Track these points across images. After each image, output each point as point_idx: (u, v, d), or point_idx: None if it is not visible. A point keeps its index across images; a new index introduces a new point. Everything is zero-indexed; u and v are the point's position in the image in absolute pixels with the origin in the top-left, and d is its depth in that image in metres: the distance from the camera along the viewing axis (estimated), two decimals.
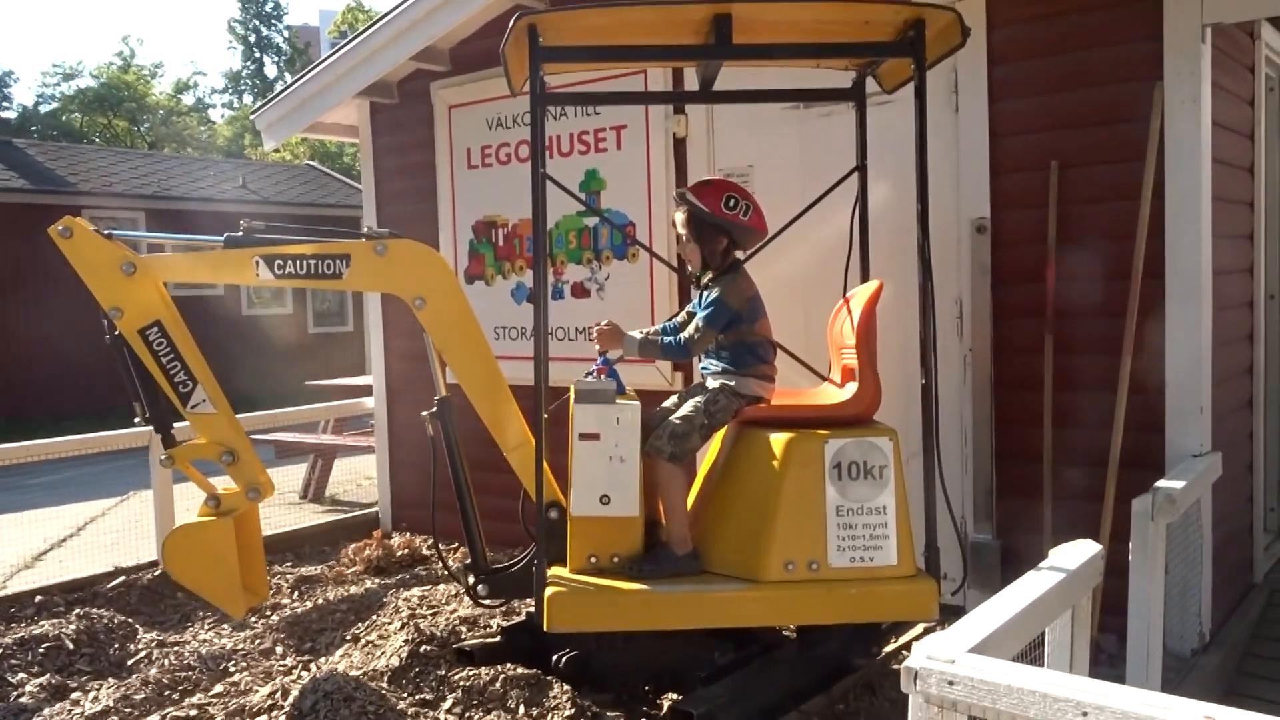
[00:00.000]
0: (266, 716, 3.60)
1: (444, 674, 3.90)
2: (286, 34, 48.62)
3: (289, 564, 5.90)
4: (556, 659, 3.53)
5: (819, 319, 3.90)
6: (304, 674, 4.01)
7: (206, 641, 4.63)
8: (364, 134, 6.53)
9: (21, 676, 4.11)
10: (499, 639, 3.85)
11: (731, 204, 3.50)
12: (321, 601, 5.05)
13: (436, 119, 6.07)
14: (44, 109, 38.54)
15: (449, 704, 3.70)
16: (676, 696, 3.61)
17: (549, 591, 3.27)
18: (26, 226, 13.90)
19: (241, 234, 3.86)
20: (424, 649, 4.08)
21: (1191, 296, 3.77)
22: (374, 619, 4.66)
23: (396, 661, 3.98)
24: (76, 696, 3.96)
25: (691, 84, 4.67)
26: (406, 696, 3.75)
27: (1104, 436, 3.87)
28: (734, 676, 3.42)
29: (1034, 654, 2.43)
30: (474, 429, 3.83)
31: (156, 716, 3.66)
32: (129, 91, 40.05)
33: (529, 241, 5.72)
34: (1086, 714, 1.62)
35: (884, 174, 4.19)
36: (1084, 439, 3.99)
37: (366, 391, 7.48)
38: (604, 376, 3.43)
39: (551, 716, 3.52)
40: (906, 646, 4.06)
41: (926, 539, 3.34)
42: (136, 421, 4.03)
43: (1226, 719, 1.53)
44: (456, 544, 5.73)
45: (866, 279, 3.85)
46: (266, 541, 4.47)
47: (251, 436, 4.06)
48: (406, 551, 5.77)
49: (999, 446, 4.21)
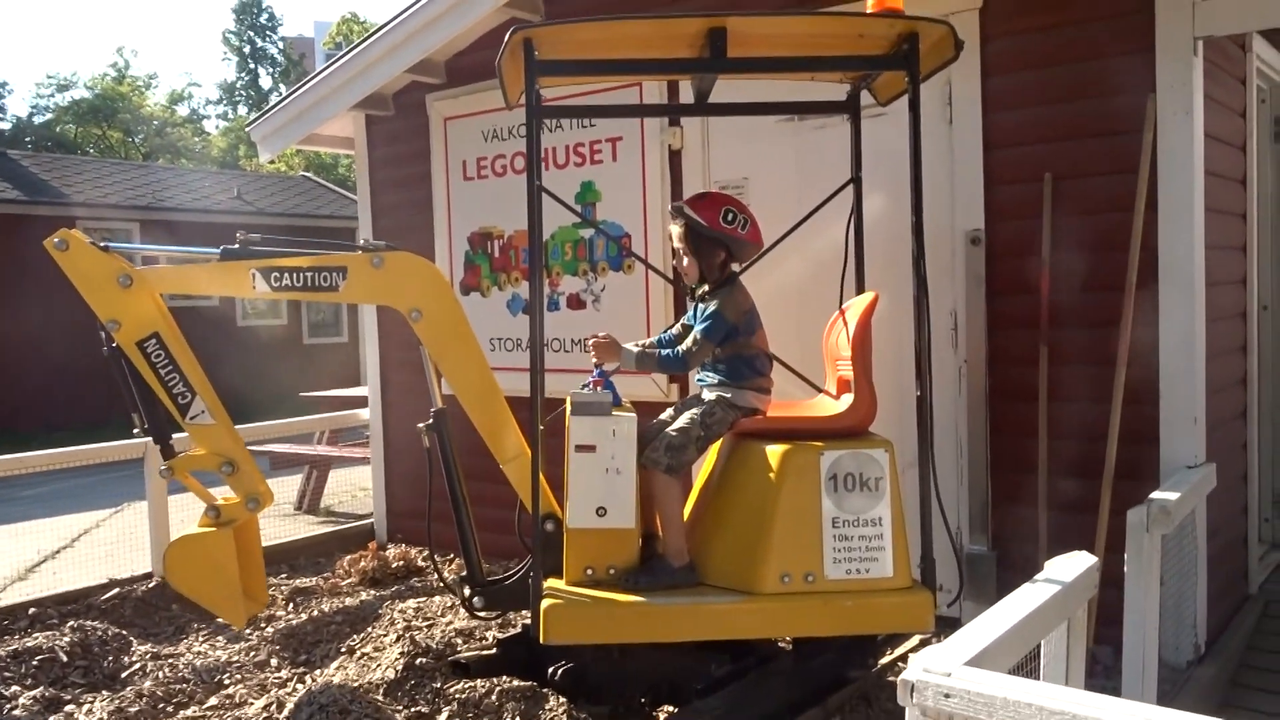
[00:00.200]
0: None
1: (440, 686, 3.89)
2: (281, 45, 48.70)
3: (284, 575, 5.89)
4: (552, 671, 3.52)
5: (814, 330, 3.91)
6: (299, 686, 4.00)
7: (201, 654, 4.62)
8: (360, 146, 6.55)
9: (15, 689, 4.10)
10: (495, 651, 3.84)
11: (730, 218, 3.50)
12: (317, 613, 5.04)
13: (432, 131, 6.09)
14: (38, 120, 38.53)
15: (444, 717, 3.70)
16: (673, 709, 3.61)
17: (545, 604, 3.27)
18: (20, 237, 13.89)
19: (238, 246, 3.87)
20: (419, 661, 4.07)
21: (1185, 308, 3.79)
22: (369, 631, 4.65)
23: (392, 674, 3.97)
24: (70, 709, 3.95)
25: (686, 96, 4.69)
26: (402, 709, 3.75)
27: (1099, 447, 3.88)
28: (730, 688, 3.41)
29: (1030, 666, 2.43)
30: (470, 440, 3.83)
31: None
32: (123, 102, 40.07)
33: (524, 253, 5.73)
34: None
35: (878, 186, 4.21)
36: (1079, 450, 4.00)
37: (361, 403, 7.48)
38: (600, 388, 3.43)
39: None
40: (902, 658, 4.06)
41: (922, 550, 3.34)
42: (135, 433, 4.03)
43: None
44: (452, 555, 5.72)
45: (861, 291, 3.86)
46: (262, 549, 4.46)
47: (248, 447, 4.06)
48: (402, 563, 5.76)
49: (994, 457, 4.22)
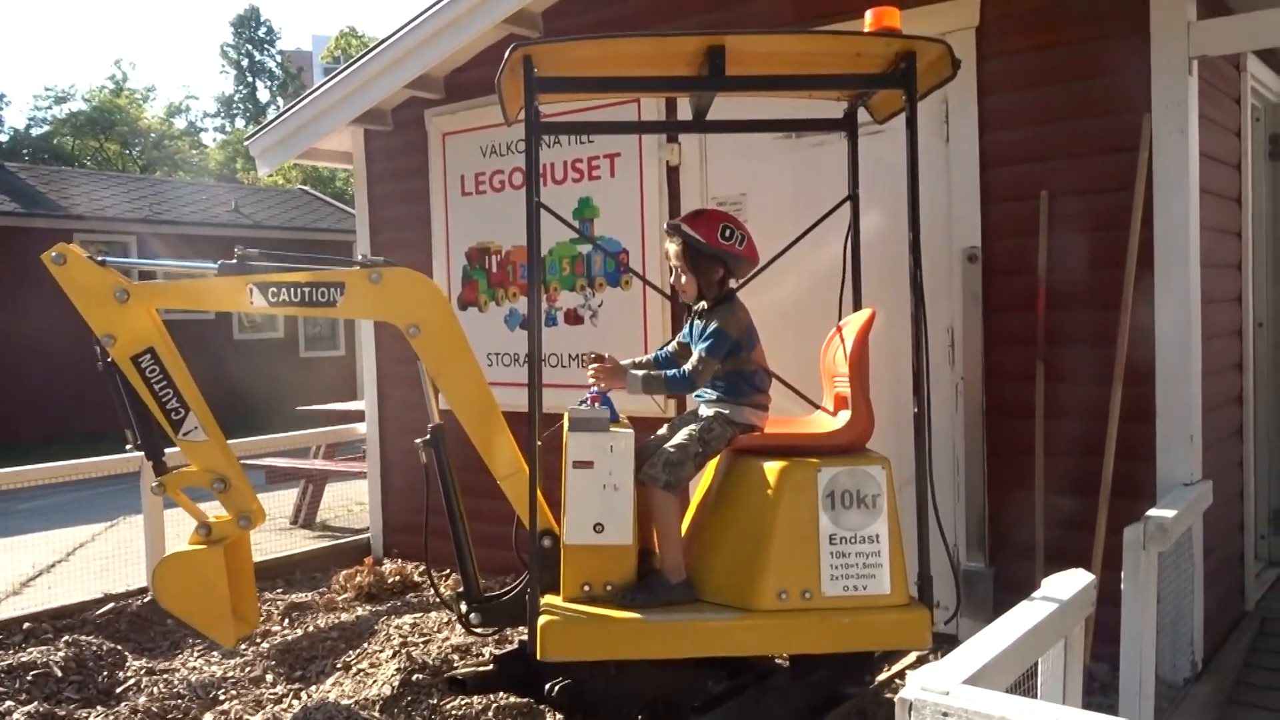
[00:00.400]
0: None
1: (436, 703, 3.88)
2: (279, 59, 48.85)
3: (279, 590, 5.87)
4: (549, 688, 3.51)
5: (811, 346, 3.92)
6: (295, 703, 3.99)
7: (196, 669, 4.60)
8: (358, 161, 6.56)
9: (9, 704, 4.07)
10: (491, 667, 3.83)
11: (727, 234, 3.51)
12: (312, 629, 5.02)
13: (430, 146, 6.10)
14: (35, 131, 38.57)
15: None
16: None
17: (542, 620, 3.26)
18: (18, 249, 13.89)
19: (235, 261, 3.87)
20: (416, 677, 4.06)
21: (1181, 324, 3.80)
22: (365, 647, 4.64)
23: (388, 690, 3.96)
24: None
25: (685, 112, 4.71)
26: None
27: (1095, 464, 3.89)
28: (727, 705, 3.40)
29: (1028, 684, 2.43)
30: (467, 455, 3.83)
31: None
32: (121, 115, 40.14)
33: (522, 268, 5.74)
34: None
35: (875, 203, 4.22)
36: (1075, 467, 4.01)
37: (358, 417, 7.48)
38: (598, 404, 3.43)
39: None
40: (899, 675, 4.05)
41: (919, 567, 3.34)
42: (128, 449, 4.02)
43: None
44: (448, 570, 5.70)
45: (858, 307, 3.87)
46: (257, 567, 4.45)
47: (243, 462, 4.06)
48: (398, 578, 5.74)
49: (991, 474, 4.23)
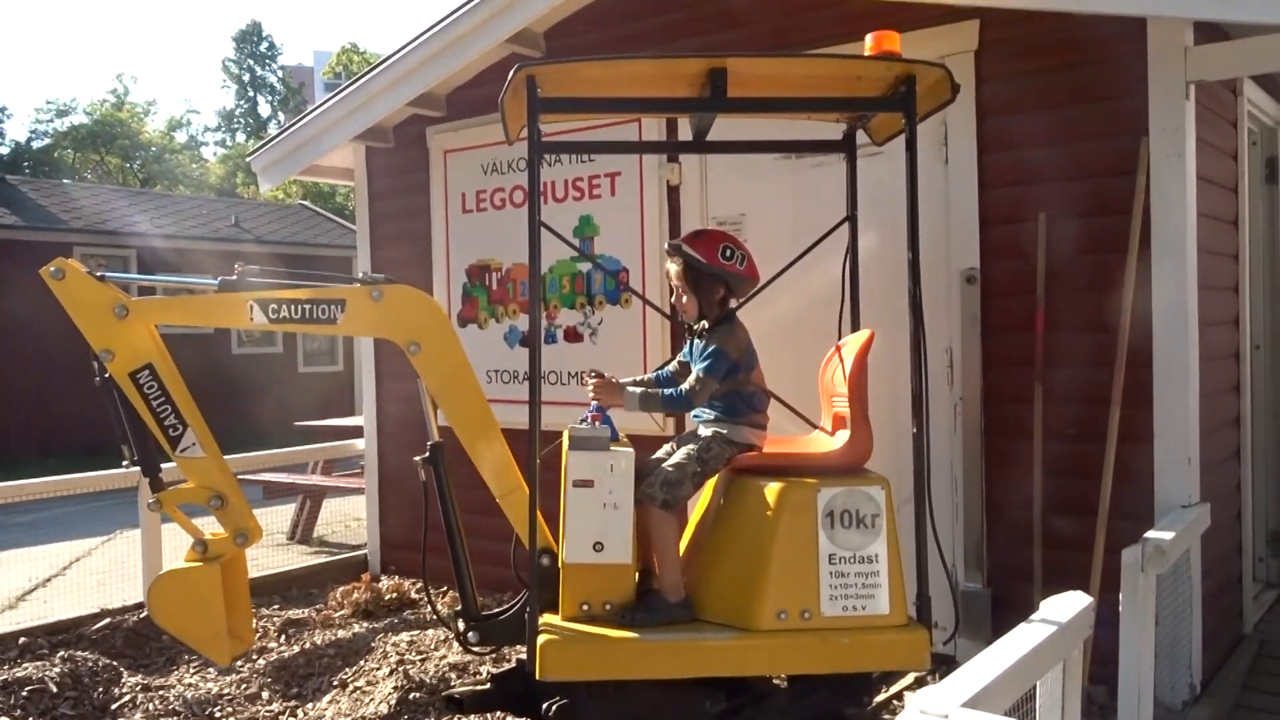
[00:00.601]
0: None
1: None
2: (280, 74, 49.05)
3: (276, 606, 5.85)
4: (546, 707, 3.50)
5: (810, 366, 3.92)
6: None
7: (192, 686, 4.58)
8: (359, 177, 6.59)
9: None
10: (489, 686, 3.81)
11: (728, 254, 3.53)
12: (309, 645, 5.01)
13: (432, 163, 6.13)
14: (36, 145, 38.66)
15: None
16: None
17: (541, 639, 3.25)
18: (17, 263, 13.90)
19: (236, 278, 3.88)
20: (413, 696, 4.05)
21: (1178, 347, 3.81)
22: (362, 664, 4.63)
23: (385, 709, 3.95)
24: None
25: (685, 132, 4.74)
26: None
27: (1093, 485, 3.89)
28: None
29: (1026, 706, 2.43)
30: (466, 472, 3.83)
31: None
32: (122, 129, 40.25)
33: (523, 285, 5.75)
34: None
35: (874, 224, 4.24)
36: (1073, 488, 4.01)
37: (356, 432, 7.48)
38: (598, 423, 3.44)
39: None
40: (897, 696, 4.04)
41: (918, 588, 3.34)
42: (125, 465, 4.00)
43: None
44: (446, 588, 5.69)
45: (856, 328, 3.88)
46: (253, 583, 4.44)
47: (240, 477, 4.05)
48: (395, 595, 5.73)
49: (989, 495, 4.23)
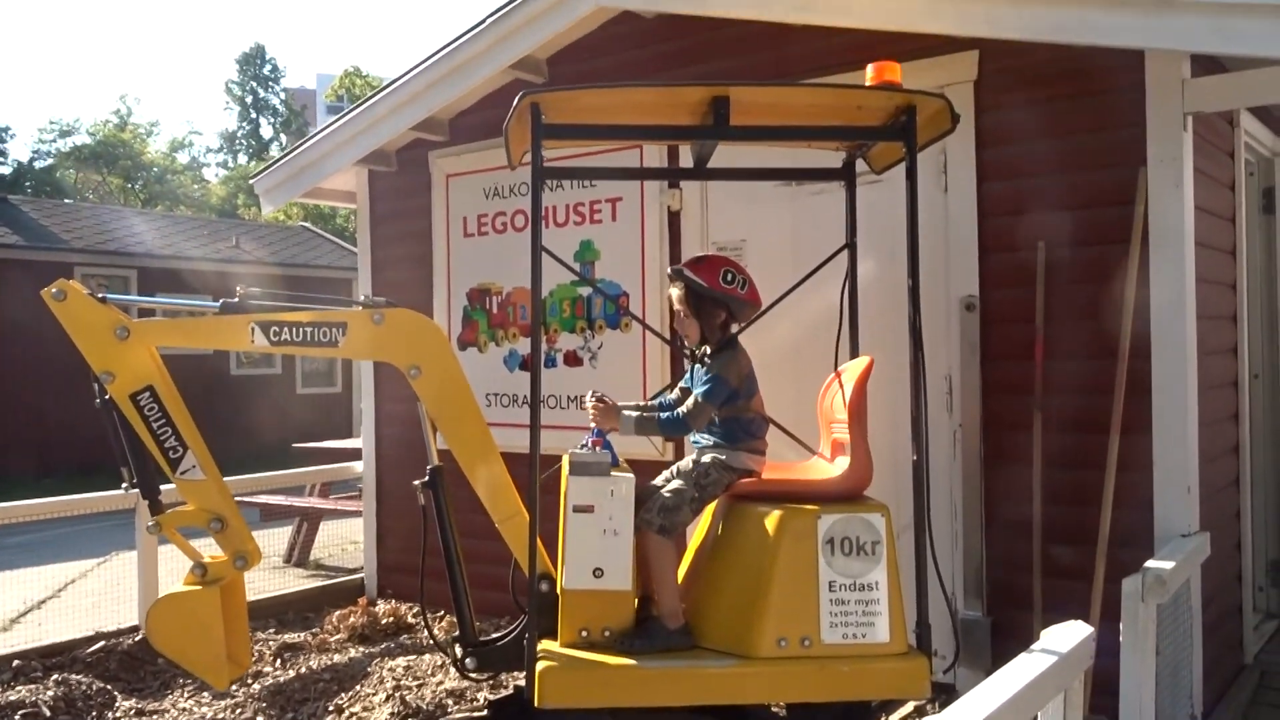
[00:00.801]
0: None
1: None
2: (283, 96, 49.32)
3: (272, 630, 5.82)
4: None
5: (809, 392, 3.93)
6: None
7: (186, 710, 4.55)
8: (362, 200, 6.61)
9: None
10: (485, 713, 3.80)
11: (729, 278, 3.54)
12: (304, 670, 4.98)
13: (434, 187, 6.16)
14: (39, 165, 38.80)
15: None
16: None
17: (540, 666, 3.24)
18: (19, 282, 13.93)
19: (238, 300, 3.89)
20: None
21: (1177, 376, 3.82)
22: (358, 689, 4.60)
23: None
24: None
25: (687, 158, 4.76)
26: None
27: (1093, 514, 3.89)
28: None
29: None
30: (465, 496, 3.83)
31: None
32: (125, 149, 40.43)
33: (523, 309, 5.77)
34: None
35: (873, 251, 4.26)
36: (1073, 516, 4.01)
37: (354, 455, 7.46)
38: (599, 448, 3.43)
39: None
40: None
41: (918, 616, 3.33)
42: (124, 487, 3.99)
43: None
44: (443, 612, 5.67)
45: (855, 354, 3.89)
46: (250, 607, 4.41)
47: (237, 499, 4.04)
48: (392, 619, 5.70)
49: (988, 522, 4.23)
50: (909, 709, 4.11)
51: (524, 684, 3.40)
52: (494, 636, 3.81)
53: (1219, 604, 4.26)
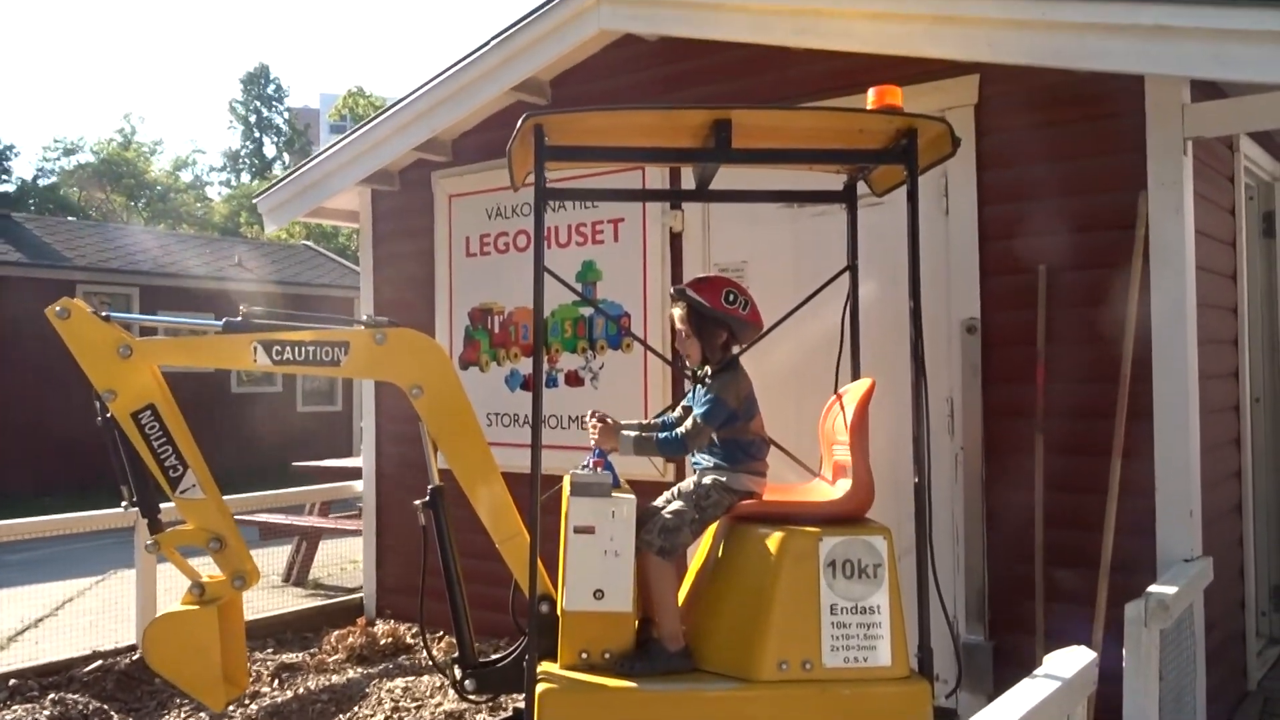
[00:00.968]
0: None
1: None
2: (287, 115, 49.58)
3: (269, 650, 5.79)
4: None
5: (810, 413, 3.93)
6: None
7: None
8: (364, 220, 6.64)
9: None
10: None
11: (731, 299, 3.55)
12: (302, 690, 4.95)
13: (436, 207, 6.18)
14: (43, 183, 38.97)
15: None
16: None
17: (540, 688, 3.22)
18: (21, 300, 13.96)
19: (240, 319, 3.90)
20: None
21: (1179, 399, 3.82)
22: (356, 710, 4.58)
23: None
24: None
25: (688, 180, 4.78)
26: None
27: (1095, 538, 3.87)
28: None
29: None
30: (465, 516, 3.82)
31: None
32: (128, 167, 40.61)
33: (525, 329, 5.78)
34: None
35: (874, 273, 4.26)
36: (1075, 540, 3.99)
37: (354, 474, 7.45)
38: (600, 469, 3.43)
39: None
40: None
41: (920, 639, 3.31)
42: (124, 505, 3.99)
43: None
44: (442, 633, 5.64)
45: (857, 376, 3.89)
46: (248, 626, 4.39)
47: (236, 518, 4.03)
48: (391, 640, 5.68)
49: (990, 546, 4.21)
50: None
51: (523, 706, 3.38)
52: (494, 658, 3.79)
53: (1222, 630, 4.24)
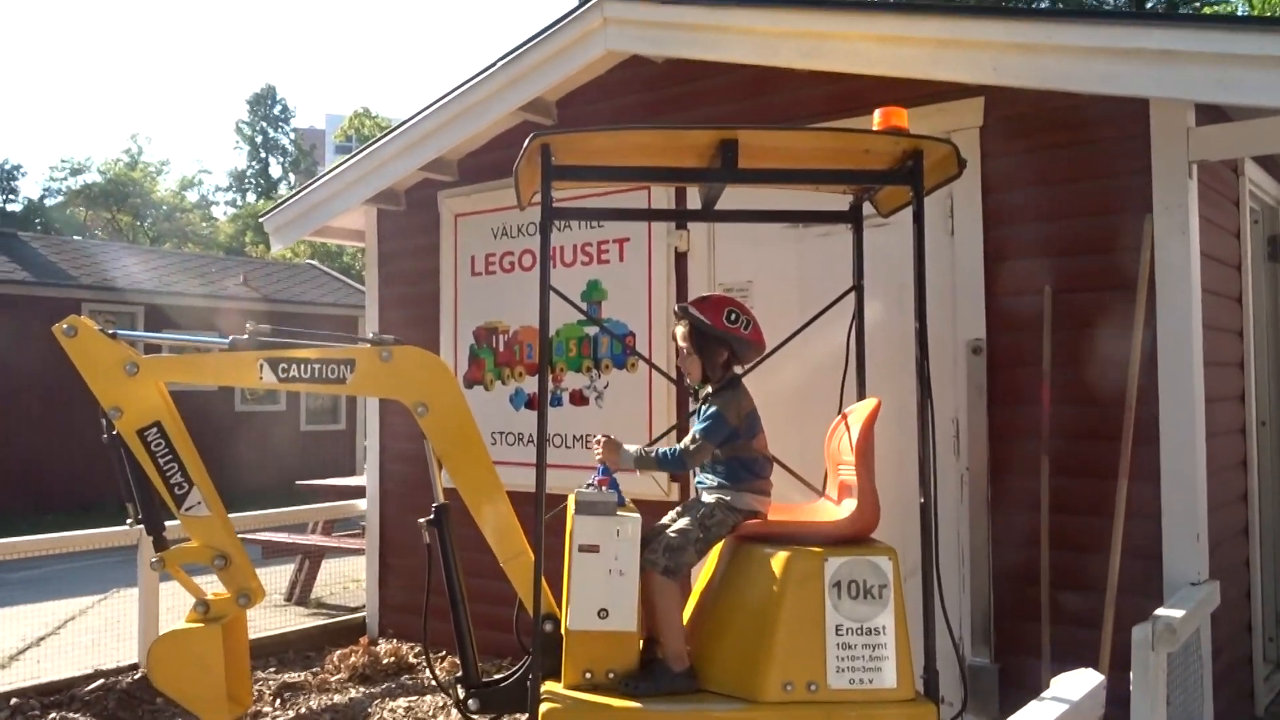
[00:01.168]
0: None
1: None
2: (293, 136, 49.88)
3: (272, 669, 5.77)
4: None
5: (815, 433, 3.93)
6: None
7: None
8: (370, 239, 6.66)
9: None
10: None
11: (733, 318, 3.56)
12: (304, 710, 4.93)
13: (443, 226, 6.21)
14: (49, 202, 39.16)
15: None
16: None
17: (544, 708, 3.20)
18: (27, 318, 14.00)
19: (246, 337, 3.91)
20: None
21: (1185, 422, 3.81)
22: None
23: None
24: None
25: (694, 199, 4.80)
26: None
27: (1101, 560, 3.86)
28: None
29: None
30: (469, 535, 3.81)
31: None
32: (134, 187, 40.80)
33: (529, 348, 5.78)
34: None
35: (879, 294, 4.27)
36: (1081, 562, 3.98)
37: (357, 493, 7.44)
38: (605, 487, 3.42)
39: None
40: None
41: (925, 661, 3.30)
42: (129, 523, 3.98)
43: None
44: (444, 652, 5.61)
45: (862, 397, 3.89)
46: (250, 645, 4.37)
47: (239, 536, 4.02)
48: (393, 659, 5.65)
49: (996, 567, 4.19)
50: None
51: None
52: (497, 677, 3.77)
53: (1229, 654, 4.22)
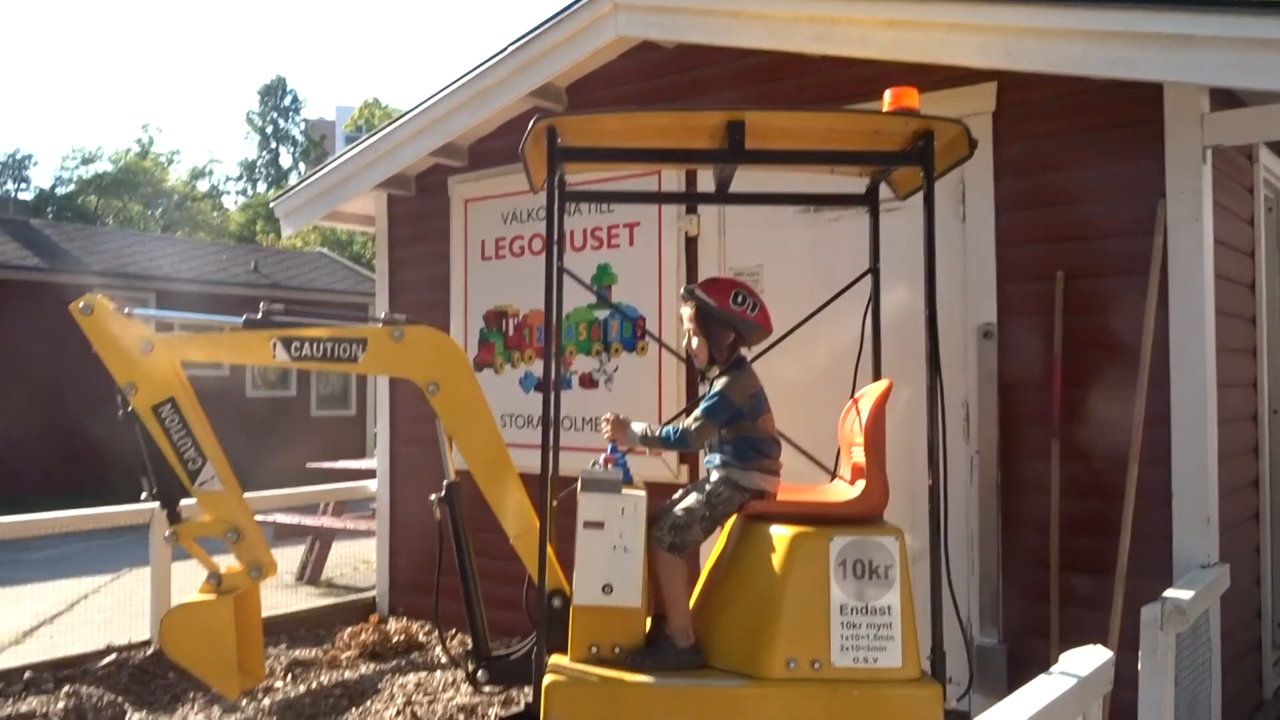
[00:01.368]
0: None
1: None
2: (303, 127, 49.95)
3: (283, 646, 5.81)
4: None
5: (829, 415, 3.93)
6: None
7: None
8: (380, 224, 6.68)
9: None
10: None
11: (739, 300, 3.56)
12: (315, 686, 4.97)
13: (453, 211, 6.22)
14: (61, 191, 39.32)
15: None
16: None
17: (547, 679, 3.23)
18: (40, 304, 14.08)
19: (260, 316, 3.94)
20: None
21: (1196, 407, 3.81)
22: (369, 705, 4.59)
23: None
24: None
25: (704, 182, 4.81)
26: None
27: (1110, 543, 3.86)
28: None
29: None
30: (480, 516, 3.84)
31: None
32: (145, 176, 40.95)
33: (539, 331, 5.81)
34: None
35: (891, 278, 4.25)
36: (1090, 545, 3.98)
37: (368, 475, 7.48)
38: (612, 466, 3.45)
39: None
40: None
41: (932, 642, 3.31)
42: (144, 497, 4.03)
43: None
44: (455, 630, 5.66)
45: (878, 379, 3.90)
46: (262, 621, 4.42)
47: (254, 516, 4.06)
48: (403, 637, 5.69)
49: (1005, 550, 4.20)
50: None
51: (532, 699, 3.39)
52: (506, 651, 3.80)
53: (1238, 638, 4.22)
